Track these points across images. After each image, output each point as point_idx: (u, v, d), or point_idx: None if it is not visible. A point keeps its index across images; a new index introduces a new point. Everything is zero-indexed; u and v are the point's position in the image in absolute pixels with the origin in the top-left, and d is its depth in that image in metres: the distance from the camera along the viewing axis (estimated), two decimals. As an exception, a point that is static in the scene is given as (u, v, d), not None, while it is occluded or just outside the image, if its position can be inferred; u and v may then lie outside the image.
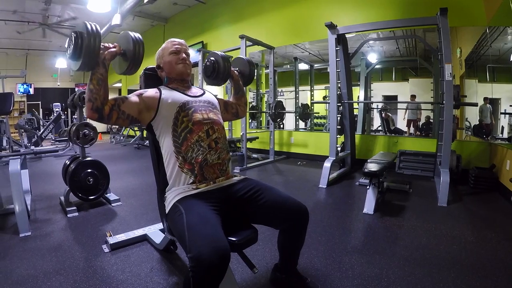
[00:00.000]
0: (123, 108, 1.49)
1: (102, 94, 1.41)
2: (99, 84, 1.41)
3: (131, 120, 1.54)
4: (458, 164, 4.13)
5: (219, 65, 1.92)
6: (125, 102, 1.51)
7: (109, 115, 1.44)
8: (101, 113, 1.42)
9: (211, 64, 1.92)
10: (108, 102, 1.44)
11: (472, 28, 4.68)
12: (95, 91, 1.40)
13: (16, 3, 8.44)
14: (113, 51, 1.48)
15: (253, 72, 2.19)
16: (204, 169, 1.54)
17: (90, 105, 1.39)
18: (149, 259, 2.20)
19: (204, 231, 1.23)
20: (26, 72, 9.57)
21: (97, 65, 1.41)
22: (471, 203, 3.47)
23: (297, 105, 7.62)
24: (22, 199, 2.69)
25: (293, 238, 1.61)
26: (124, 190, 4.08)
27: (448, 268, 2.00)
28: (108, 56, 1.45)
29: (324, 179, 4.21)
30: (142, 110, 1.57)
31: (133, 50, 1.49)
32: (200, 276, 1.13)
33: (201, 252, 1.13)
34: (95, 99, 1.40)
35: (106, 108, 1.43)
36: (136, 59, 1.51)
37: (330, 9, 6.01)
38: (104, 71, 1.42)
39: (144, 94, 1.61)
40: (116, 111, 1.46)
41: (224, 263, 1.16)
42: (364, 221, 2.93)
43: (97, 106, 1.40)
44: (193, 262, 1.14)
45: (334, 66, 4.47)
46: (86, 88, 1.43)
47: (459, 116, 5.06)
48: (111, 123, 1.48)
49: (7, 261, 2.17)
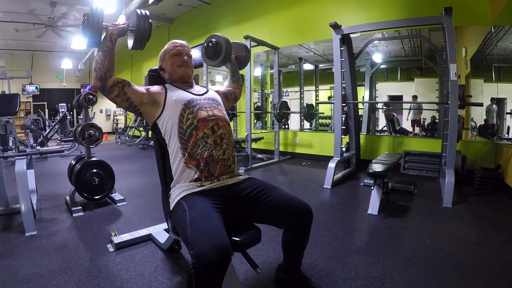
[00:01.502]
0: (126, 90, 1.57)
1: (106, 65, 1.52)
2: (104, 55, 1.52)
3: (130, 105, 1.60)
4: (463, 164, 4.11)
5: (221, 47, 1.94)
6: (131, 86, 1.60)
7: (111, 89, 1.53)
8: (104, 84, 1.52)
9: (213, 45, 1.94)
10: (114, 78, 1.55)
11: (477, 28, 4.64)
12: (100, 61, 1.52)
13: (22, 5, 8.52)
14: (121, 27, 1.59)
15: (248, 57, 2.23)
16: (210, 164, 1.56)
17: (95, 74, 1.52)
18: (153, 258, 2.21)
19: (206, 228, 1.24)
20: (32, 73, 9.67)
21: (105, 39, 1.54)
22: (476, 204, 3.45)
23: (302, 105, 7.61)
24: (28, 199, 2.72)
25: (297, 237, 1.61)
26: (129, 190, 4.10)
27: (452, 270, 1.99)
28: (116, 31, 1.57)
29: (329, 180, 4.20)
30: (145, 103, 1.63)
31: (138, 24, 1.60)
32: (201, 273, 1.14)
33: (202, 249, 1.15)
34: (99, 68, 1.51)
35: (110, 81, 1.53)
36: (142, 33, 1.62)
37: (335, 9, 6.01)
38: (110, 44, 1.54)
39: (150, 89, 1.68)
40: (118, 88, 1.55)
41: (224, 260, 1.17)
42: (368, 221, 2.92)
43: (101, 76, 1.51)
44: (194, 259, 1.16)
45: (338, 66, 4.46)
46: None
47: (464, 116, 5.03)
48: (110, 97, 1.56)
49: (13, 259, 2.20)
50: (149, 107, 1.64)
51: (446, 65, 3.65)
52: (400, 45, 6.51)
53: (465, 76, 4.99)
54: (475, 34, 4.78)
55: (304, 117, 7.23)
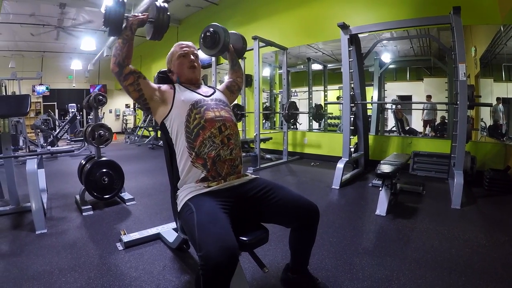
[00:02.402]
0: (140, 82, 1.65)
1: (125, 52, 1.61)
2: (124, 43, 1.61)
3: (140, 97, 1.66)
4: (473, 165, 4.07)
5: (220, 37, 1.95)
6: (145, 80, 1.67)
7: (126, 76, 1.62)
8: (121, 70, 1.61)
9: (211, 35, 1.95)
10: (132, 67, 1.64)
11: (486, 27, 4.59)
12: (119, 48, 1.61)
13: (32, 6, 8.63)
14: (140, 18, 1.67)
15: (245, 47, 2.22)
16: (217, 164, 1.57)
17: (114, 59, 1.61)
18: (162, 257, 2.24)
19: (213, 230, 1.25)
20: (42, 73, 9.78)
21: (125, 29, 1.63)
22: (485, 205, 3.41)
23: (310, 105, 7.60)
24: (39, 198, 2.77)
25: (303, 237, 1.62)
26: (138, 189, 4.14)
27: (459, 272, 1.97)
28: (135, 21, 1.65)
29: (337, 180, 4.20)
30: (155, 99, 1.68)
31: (157, 16, 1.68)
32: (209, 275, 1.15)
33: (209, 252, 1.16)
34: (118, 54, 1.60)
35: (127, 68, 1.62)
36: (160, 24, 1.71)
37: (343, 9, 5.99)
38: (130, 33, 1.63)
39: (161, 87, 1.73)
40: (133, 77, 1.63)
41: (232, 262, 1.18)
42: (376, 222, 2.92)
43: (119, 61, 1.60)
44: (202, 261, 1.17)
45: (347, 67, 4.45)
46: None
47: (474, 116, 4.97)
48: (124, 84, 1.63)
49: (24, 257, 2.24)
50: (158, 105, 1.68)
51: (455, 65, 3.62)
52: (409, 44, 6.46)
53: (474, 76, 4.94)
54: (484, 33, 4.73)
55: (313, 117, 7.22)
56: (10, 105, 2.95)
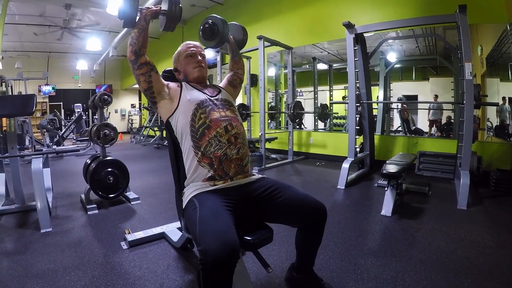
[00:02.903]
0: (152, 74, 1.68)
1: (141, 40, 1.65)
2: (139, 32, 1.65)
3: (149, 89, 1.68)
4: (479, 166, 4.02)
5: (218, 28, 1.95)
6: (157, 74, 1.71)
7: (141, 65, 1.66)
8: (137, 58, 1.65)
9: (210, 26, 1.96)
10: (148, 59, 1.68)
11: (493, 25, 4.54)
12: (135, 37, 1.65)
13: (37, 7, 8.70)
14: (154, 9, 1.71)
15: (245, 38, 2.23)
16: (223, 163, 1.56)
17: (130, 48, 1.66)
18: (166, 256, 2.24)
19: (214, 225, 1.25)
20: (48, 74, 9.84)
21: (139, 20, 1.67)
22: (492, 206, 3.38)
23: (316, 105, 7.58)
24: (44, 196, 2.79)
25: (310, 236, 1.61)
26: (143, 189, 4.15)
27: (465, 273, 1.95)
28: (149, 13, 1.69)
29: (343, 180, 4.18)
30: (163, 95, 1.70)
31: (170, 7, 1.72)
32: (208, 269, 1.15)
33: (209, 246, 1.16)
34: (135, 43, 1.65)
35: (143, 58, 1.67)
36: (172, 16, 1.74)
37: (348, 8, 5.96)
38: (144, 23, 1.67)
39: (169, 84, 1.75)
40: (147, 68, 1.67)
41: (231, 258, 1.17)
42: (382, 223, 2.90)
43: (136, 50, 1.65)
44: (201, 255, 1.17)
45: (352, 66, 4.43)
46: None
47: (480, 116, 4.94)
48: (137, 73, 1.67)
49: (28, 255, 2.25)
50: (165, 101, 1.69)
51: (461, 64, 3.59)
52: (415, 44, 6.43)
53: (481, 75, 4.90)
54: (491, 32, 4.69)
55: (318, 117, 7.21)
56: (16, 105, 2.97)
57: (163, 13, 1.74)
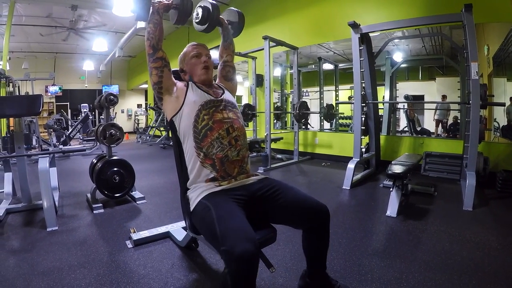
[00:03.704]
0: (165, 70, 1.71)
1: (157, 35, 1.70)
2: (155, 26, 1.69)
3: (158, 83, 1.71)
4: (485, 166, 3.99)
5: (209, 12, 1.94)
6: (169, 71, 1.74)
7: (157, 59, 1.69)
8: (155, 51, 1.69)
9: (202, 10, 1.94)
10: (164, 54, 1.72)
11: (499, 24, 4.50)
12: (151, 31, 1.69)
13: (44, 9, 8.77)
14: (166, 3, 1.74)
15: (242, 21, 2.19)
16: (225, 164, 1.57)
17: (148, 42, 1.69)
18: (170, 255, 2.25)
19: (234, 224, 1.26)
20: (55, 74, 9.92)
21: (152, 13, 1.70)
22: (498, 207, 3.35)
23: (321, 105, 7.56)
24: (50, 195, 2.82)
25: (316, 239, 1.58)
26: (149, 188, 4.17)
27: (470, 275, 1.94)
28: (161, 6, 1.72)
29: (348, 181, 4.17)
30: (171, 93, 1.72)
31: (181, 2, 1.77)
32: (235, 267, 1.14)
33: (234, 243, 1.15)
34: (152, 38, 1.68)
35: (161, 53, 1.70)
36: (184, 9, 1.79)
37: (354, 8, 5.95)
38: (158, 17, 1.71)
39: (177, 83, 1.77)
40: (161, 63, 1.70)
41: (256, 252, 1.18)
42: (387, 223, 2.89)
43: (153, 44, 1.69)
44: (226, 256, 1.16)
45: (358, 66, 4.42)
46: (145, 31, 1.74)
47: (487, 116, 4.90)
48: (151, 65, 1.70)
49: (34, 253, 2.27)
50: (171, 99, 1.70)
51: (467, 64, 3.56)
52: (421, 43, 6.39)
53: (487, 75, 4.86)
54: (497, 31, 4.64)
55: (324, 117, 7.19)
56: (23, 105, 3.00)
57: (174, 7, 1.78)
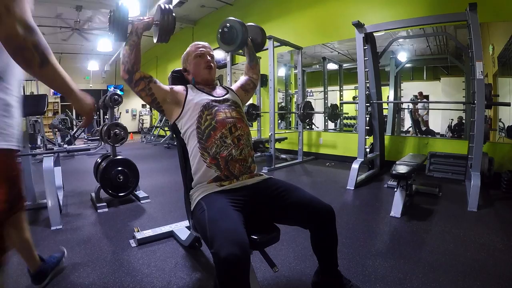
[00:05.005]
0: (152, 86, 1.65)
1: (132, 58, 1.60)
2: (131, 49, 1.60)
3: (153, 101, 1.67)
4: (490, 167, 3.96)
5: (237, 31, 1.92)
6: (156, 83, 1.67)
7: (137, 82, 1.62)
8: (131, 77, 1.61)
9: (229, 30, 1.93)
10: (142, 72, 1.63)
11: (504, 24, 4.45)
12: (127, 55, 1.61)
13: (48, 9, 8.82)
14: (145, 21, 1.65)
15: (264, 39, 2.19)
16: (229, 163, 1.57)
17: (123, 67, 1.61)
18: (174, 254, 2.26)
19: (223, 225, 1.24)
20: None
21: (131, 34, 1.61)
22: (503, 208, 3.32)
23: (326, 105, 7.55)
24: (55, 195, 2.84)
25: (323, 238, 1.58)
26: (153, 188, 4.19)
27: (474, 276, 1.92)
28: (141, 26, 1.63)
29: (352, 181, 4.16)
30: (168, 101, 1.69)
31: (162, 18, 1.64)
32: (221, 270, 1.14)
33: (219, 246, 1.14)
34: (127, 62, 1.60)
35: (137, 74, 1.62)
36: (165, 26, 1.66)
37: (358, 8, 5.93)
38: (136, 38, 1.61)
39: (174, 88, 1.74)
40: (144, 82, 1.63)
41: (243, 256, 1.15)
42: (391, 224, 2.88)
43: (128, 69, 1.60)
44: (214, 258, 1.16)
45: (362, 66, 4.40)
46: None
47: (492, 116, 4.86)
48: (136, 90, 1.64)
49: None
50: (171, 106, 1.70)
51: (472, 63, 3.54)
52: (426, 43, 6.35)
53: (492, 75, 4.82)
54: (502, 30, 4.59)
55: (328, 117, 7.17)
56: (28, 104, 3.02)
57: (155, 24, 1.68)
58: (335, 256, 1.63)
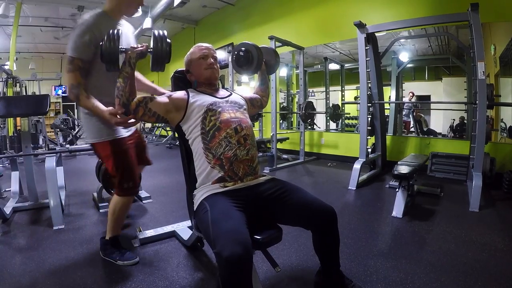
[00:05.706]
0: (150, 106, 1.59)
1: (127, 91, 1.53)
2: (125, 82, 1.53)
3: (158, 117, 1.63)
4: (492, 167, 3.96)
5: (253, 55, 1.91)
6: (153, 101, 1.61)
7: (135, 110, 1.56)
8: (128, 108, 1.55)
9: (244, 54, 1.92)
10: (136, 100, 1.57)
11: (506, 24, 4.44)
12: (121, 88, 1.53)
13: (50, 10, 8.83)
14: (139, 50, 1.57)
15: (278, 62, 2.21)
16: (234, 164, 1.57)
17: (118, 100, 1.55)
18: (176, 254, 2.26)
19: (226, 225, 1.25)
20: (62, 74, 9.97)
21: (123, 65, 1.54)
22: (504, 209, 3.31)
23: (328, 105, 7.55)
24: (57, 194, 2.84)
25: (324, 239, 1.58)
26: (155, 188, 4.19)
27: (476, 277, 1.92)
28: (134, 55, 1.55)
29: (354, 181, 4.16)
30: (170, 110, 1.65)
31: (155, 46, 1.56)
32: (224, 270, 1.14)
33: (223, 246, 1.15)
34: (121, 95, 1.54)
35: (133, 104, 1.55)
36: (159, 55, 1.58)
37: (359, 8, 5.92)
38: (129, 69, 1.55)
39: (173, 95, 1.70)
40: (142, 107, 1.57)
41: (245, 255, 1.15)
42: (392, 224, 2.88)
43: (124, 102, 1.54)
44: (217, 258, 1.16)
45: (364, 66, 4.39)
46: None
47: (493, 116, 4.85)
48: (138, 117, 1.60)
49: (41, 251, 2.30)
50: (174, 114, 1.67)
51: (473, 64, 3.54)
52: (427, 43, 6.34)
53: (494, 75, 4.81)
54: (504, 30, 4.58)
55: (330, 117, 7.17)
56: (30, 105, 3.04)
57: (150, 52, 1.59)
58: (337, 256, 1.64)
